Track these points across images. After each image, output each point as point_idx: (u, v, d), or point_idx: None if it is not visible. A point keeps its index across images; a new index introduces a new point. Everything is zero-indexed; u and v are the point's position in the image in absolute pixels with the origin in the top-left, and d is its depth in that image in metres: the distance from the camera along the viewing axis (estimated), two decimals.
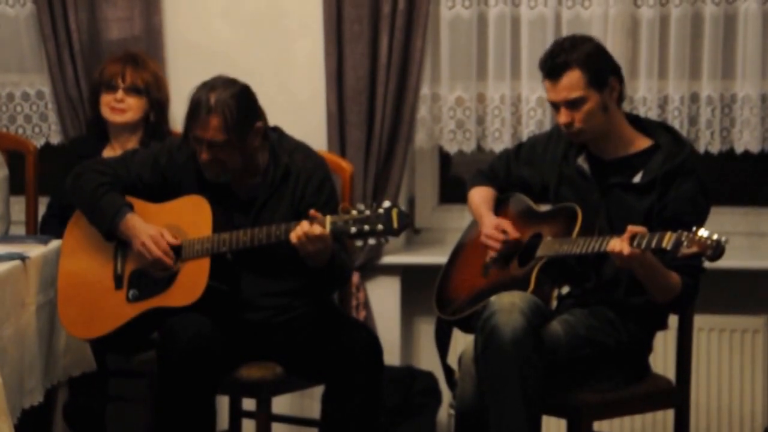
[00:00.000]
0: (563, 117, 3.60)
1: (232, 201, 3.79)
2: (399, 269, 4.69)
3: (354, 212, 3.51)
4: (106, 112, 4.33)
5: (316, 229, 3.52)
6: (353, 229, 3.50)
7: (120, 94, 4.30)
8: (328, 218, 3.53)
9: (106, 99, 4.32)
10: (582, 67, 3.57)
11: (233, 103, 3.64)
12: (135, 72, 4.32)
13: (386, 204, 3.51)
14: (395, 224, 3.49)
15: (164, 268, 3.71)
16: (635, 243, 3.36)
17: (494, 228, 3.74)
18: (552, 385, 3.55)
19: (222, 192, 3.78)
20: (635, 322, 3.66)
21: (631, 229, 3.38)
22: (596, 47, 3.65)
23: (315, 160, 3.85)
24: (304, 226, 3.54)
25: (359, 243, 3.52)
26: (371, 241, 3.49)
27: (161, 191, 3.82)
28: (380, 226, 3.48)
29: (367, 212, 3.50)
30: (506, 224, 3.74)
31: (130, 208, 3.76)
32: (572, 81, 3.57)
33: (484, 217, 3.82)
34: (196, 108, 3.64)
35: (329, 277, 3.74)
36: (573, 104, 3.58)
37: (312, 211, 3.56)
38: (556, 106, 3.62)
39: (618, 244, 3.39)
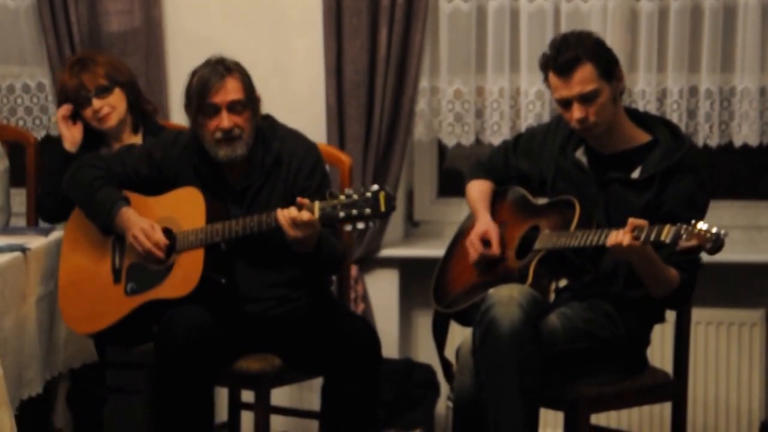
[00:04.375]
0: (578, 112, 3.57)
1: (227, 191, 3.80)
2: (397, 262, 4.70)
3: (342, 197, 3.51)
4: (95, 124, 4.24)
5: (305, 215, 3.52)
6: (341, 214, 3.50)
7: (95, 102, 4.21)
8: (317, 204, 3.53)
9: (87, 113, 4.22)
10: (593, 59, 3.56)
11: (241, 67, 3.76)
12: (90, 75, 4.20)
13: (374, 188, 3.51)
14: (382, 207, 3.49)
15: (157, 260, 3.72)
16: (635, 235, 3.36)
17: (478, 237, 3.74)
18: (549, 378, 3.56)
19: (216, 182, 3.79)
20: (633, 315, 3.66)
21: (633, 221, 3.39)
22: (599, 39, 3.65)
23: (306, 145, 3.85)
24: (292, 211, 3.55)
25: (348, 227, 3.52)
26: (360, 225, 3.49)
27: (158, 185, 3.83)
28: (368, 210, 3.48)
29: (355, 196, 3.50)
30: (493, 234, 3.74)
31: (126, 201, 3.78)
32: (585, 74, 3.56)
33: (478, 216, 3.82)
34: (208, 79, 3.69)
35: (318, 263, 3.74)
36: (587, 98, 3.56)
37: (299, 199, 3.56)
38: (567, 102, 3.59)
39: (619, 236, 3.39)
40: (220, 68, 3.72)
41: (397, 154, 4.58)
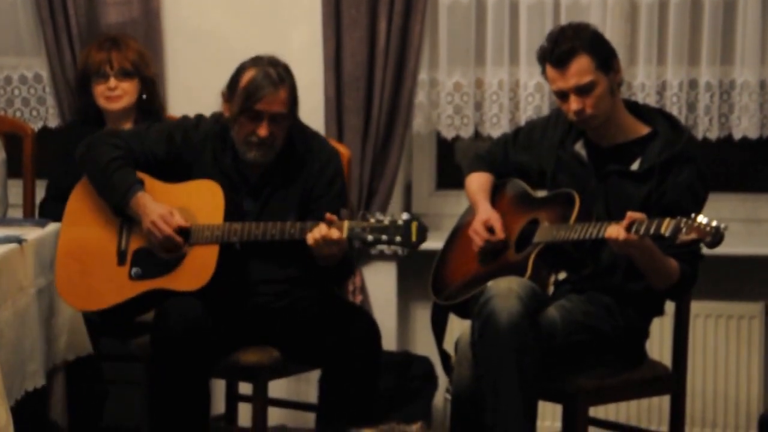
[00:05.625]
0: (574, 104, 3.57)
1: (245, 184, 3.78)
2: (396, 254, 4.68)
3: (372, 220, 3.52)
4: (101, 102, 4.31)
5: (335, 234, 3.52)
6: (370, 237, 3.52)
7: (112, 81, 4.29)
8: (346, 223, 3.53)
9: (99, 89, 4.30)
10: (589, 51, 3.56)
11: (290, 74, 3.72)
12: (120, 55, 4.30)
13: (405, 216, 3.53)
14: (414, 237, 3.51)
15: (172, 248, 3.70)
16: (633, 229, 3.36)
17: (482, 224, 3.74)
18: (548, 371, 3.55)
19: (235, 173, 3.77)
20: (632, 308, 3.66)
21: (631, 215, 3.38)
22: (596, 31, 3.65)
23: (329, 152, 3.85)
24: (322, 230, 3.54)
25: (373, 251, 3.54)
26: (387, 251, 3.51)
27: (173, 169, 3.79)
28: (398, 238, 3.51)
29: (386, 222, 3.52)
30: (496, 221, 3.73)
31: (142, 185, 3.74)
32: (581, 66, 3.55)
33: (479, 206, 3.82)
34: (261, 86, 3.65)
35: (337, 275, 3.76)
36: (583, 90, 3.56)
37: (328, 215, 3.55)
38: (564, 94, 3.59)
39: (616, 231, 3.39)
40: (274, 75, 3.66)
41: (396, 147, 4.57)
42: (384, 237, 3.51)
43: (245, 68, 3.71)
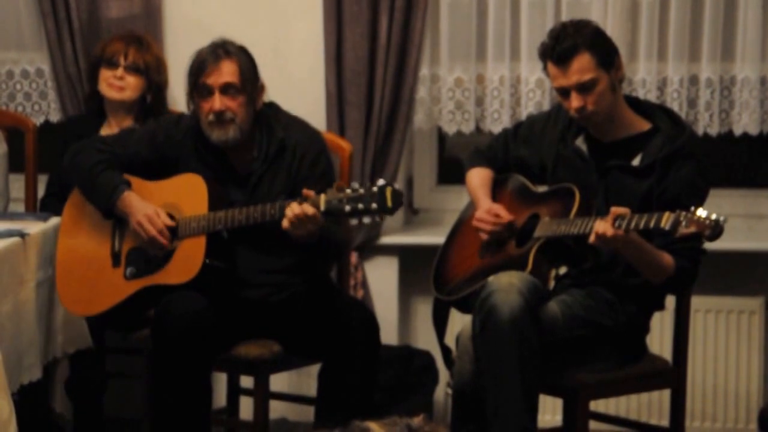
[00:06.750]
0: (576, 101, 3.58)
1: (229, 176, 3.79)
2: (397, 249, 4.69)
3: (348, 191, 3.50)
4: (104, 88, 4.33)
5: (308, 209, 3.51)
6: (347, 208, 3.49)
7: (120, 71, 4.30)
8: (323, 197, 3.52)
9: (106, 75, 4.32)
10: (590, 48, 3.56)
11: (244, 53, 3.76)
12: (137, 52, 4.33)
13: (380, 182, 3.50)
14: (389, 203, 3.47)
15: (160, 247, 3.72)
16: (617, 224, 3.36)
17: (486, 212, 3.74)
18: (549, 365, 3.56)
19: (219, 167, 3.78)
20: (633, 302, 3.67)
21: (614, 210, 3.39)
22: (597, 28, 3.65)
23: (310, 134, 3.85)
24: (294, 209, 3.53)
25: (354, 221, 3.52)
26: (366, 220, 3.48)
27: (159, 168, 3.82)
28: (374, 205, 3.47)
29: (361, 190, 3.48)
30: (499, 209, 3.74)
31: (128, 185, 3.77)
32: (583, 64, 3.56)
33: (480, 201, 3.82)
34: (204, 60, 3.71)
35: (319, 252, 3.74)
36: (585, 87, 3.56)
37: (305, 191, 3.55)
38: (565, 91, 3.59)
39: (601, 226, 3.39)
40: (220, 51, 3.73)
41: (397, 142, 4.57)
42: (360, 206, 3.47)
43: (195, 54, 3.77)
